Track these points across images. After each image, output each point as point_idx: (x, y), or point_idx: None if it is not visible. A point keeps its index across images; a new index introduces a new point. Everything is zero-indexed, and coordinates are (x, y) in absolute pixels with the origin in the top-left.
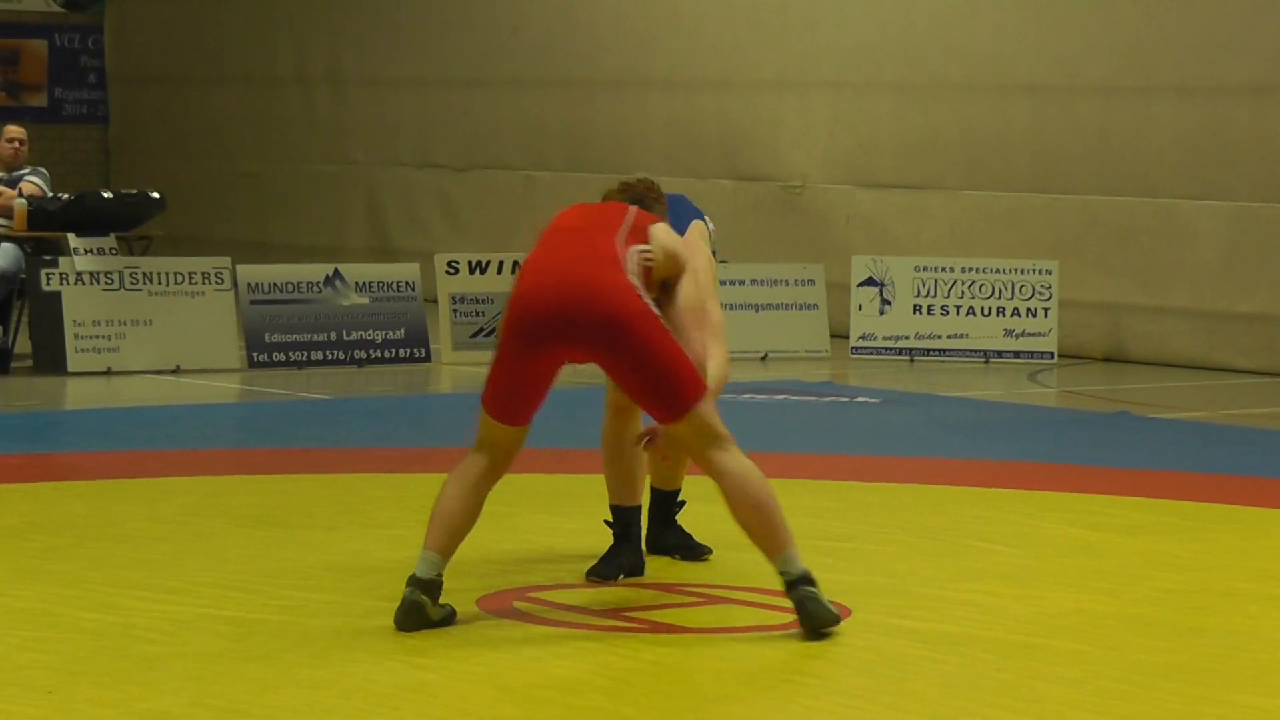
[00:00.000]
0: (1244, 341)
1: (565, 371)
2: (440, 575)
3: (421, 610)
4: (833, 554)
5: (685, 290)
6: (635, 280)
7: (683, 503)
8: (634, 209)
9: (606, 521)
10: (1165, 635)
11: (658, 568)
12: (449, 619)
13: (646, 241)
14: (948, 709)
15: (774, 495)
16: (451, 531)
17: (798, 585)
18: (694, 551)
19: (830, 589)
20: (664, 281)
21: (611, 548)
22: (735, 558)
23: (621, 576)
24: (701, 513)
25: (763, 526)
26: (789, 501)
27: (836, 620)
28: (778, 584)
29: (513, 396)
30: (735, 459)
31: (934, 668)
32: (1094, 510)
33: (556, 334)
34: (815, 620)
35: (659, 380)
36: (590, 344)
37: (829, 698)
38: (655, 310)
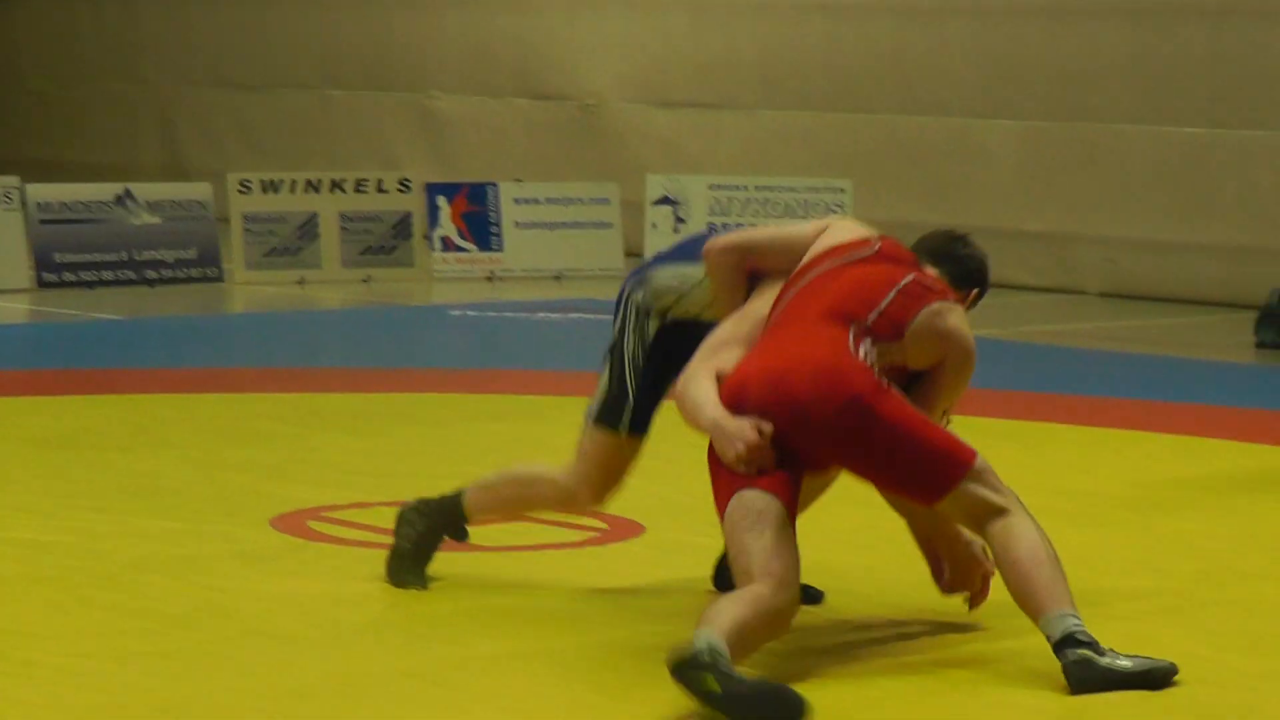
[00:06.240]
0: (1035, 260)
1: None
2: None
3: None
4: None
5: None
6: None
7: None
8: None
9: None
10: None
11: None
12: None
13: None
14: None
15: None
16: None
17: (1063, 648)
18: None
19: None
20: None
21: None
22: None
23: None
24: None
25: (1027, 585)
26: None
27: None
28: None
29: None
30: None
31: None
32: None
33: None
34: (1081, 684)
35: None
36: None
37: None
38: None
